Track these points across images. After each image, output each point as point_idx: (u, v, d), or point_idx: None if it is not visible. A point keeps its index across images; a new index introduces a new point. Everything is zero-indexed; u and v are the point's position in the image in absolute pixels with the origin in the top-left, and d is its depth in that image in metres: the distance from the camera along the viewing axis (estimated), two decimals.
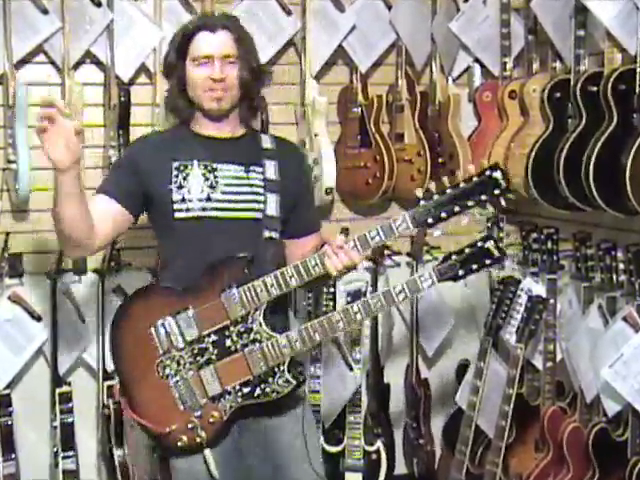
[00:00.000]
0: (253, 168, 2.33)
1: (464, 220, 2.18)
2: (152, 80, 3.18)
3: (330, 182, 3.26)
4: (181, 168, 2.29)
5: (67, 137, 2.02)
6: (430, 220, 2.12)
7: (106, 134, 3.14)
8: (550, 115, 3.06)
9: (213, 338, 2.21)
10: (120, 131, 3.07)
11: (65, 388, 3.05)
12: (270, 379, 2.20)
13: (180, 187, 2.27)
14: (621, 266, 2.94)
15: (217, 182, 2.28)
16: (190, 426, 2.22)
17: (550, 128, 3.07)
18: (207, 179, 2.28)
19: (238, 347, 2.20)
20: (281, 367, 2.20)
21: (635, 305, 2.85)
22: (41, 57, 3.08)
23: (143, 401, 2.26)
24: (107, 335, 3.02)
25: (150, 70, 3.18)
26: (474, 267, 2.16)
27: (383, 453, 3.33)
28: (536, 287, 3.19)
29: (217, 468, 2.24)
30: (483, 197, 2.10)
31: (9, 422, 2.99)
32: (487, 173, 2.11)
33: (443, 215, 2.11)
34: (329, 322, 2.18)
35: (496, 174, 2.11)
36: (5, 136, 3.00)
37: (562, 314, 3.18)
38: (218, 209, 2.27)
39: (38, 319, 3.09)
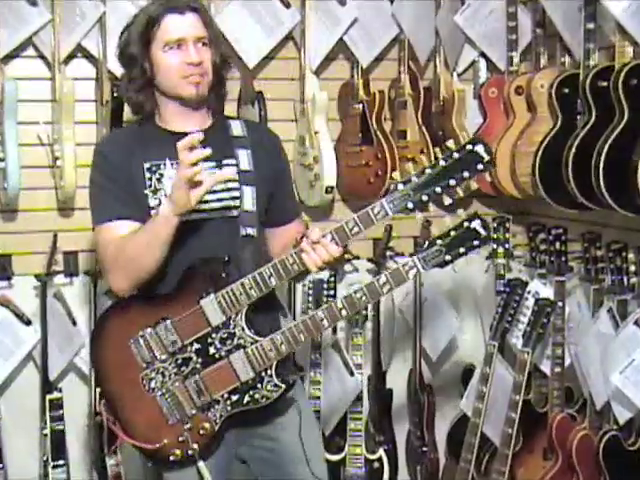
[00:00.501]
0: (226, 162, 2.24)
1: (447, 201, 2.05)
2: None
3: (330, 181, 3.25)
4: (153, 169, 2.21)
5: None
6: (410, 205, 2.02)
7: (98, 131, 3.12)
8: (558, 111, 3.05)
9: (196, 346, 2.17)
10: (112, 128, 3.03)
11: (56, 394, 3.04)
12: (259, 385, 2.17)
13: (155, 191, 2.20)
14: (632, 268, 2.92)
15: None
16: (181, 439, 2.19)
17: (558, 125, 3.05)
18: None
19: (222, 354, 2.16)
20: (268, 372, 2.16)
21: None
22: (30, 51, 3.07)
23: (131, 418, 2.23)
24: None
25: None
26: (461, 251, 2.06)
27: (385, 461, 3.33)
28: (544, 289, 3.18)
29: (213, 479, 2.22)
30: (465, 174, 1.99)
31: None
32: (468, 147, 1.99)
33: (424, 198, 2.01)
34: (313, 321, 2.13)
35: (478, 147, 1.98)
36: None
37: (571, 317, 3.16)
38: (194, 211, 2.13)
39: (27, 323, 3.09)
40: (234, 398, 2.18)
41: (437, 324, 3.51)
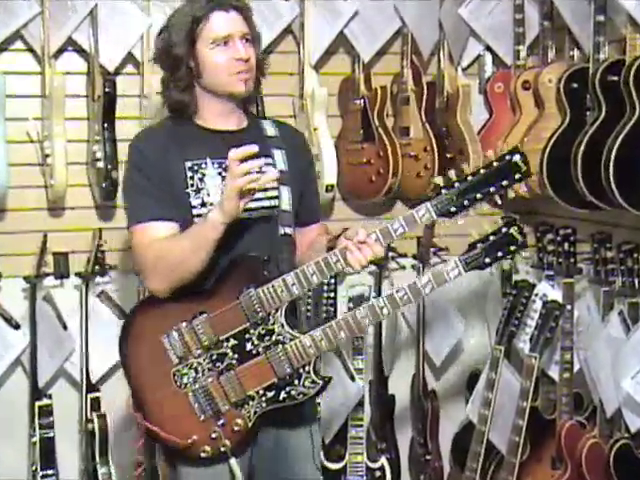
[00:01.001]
0: (265, 163, 2.24)
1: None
2: (139, 70, 3.17)
3: (331, 179, 3.24)
4: (195, 168, 2.25)
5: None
6: (453, 209, 2.16)
7: (90, 128, 3.11)
8: (567, 107, 3.04)
9: (232, 342, 2.22)
10: (105, 124, 3.06)
11: (45, 401, 3.03)
12: (296, 381, 2.23)
13: (198, 190, 2.24)
14: None
15: None
16: (214, 435, 2.23)
17: (567, 121, 3.05)
18: (224, 178, 2.21)
19: (260, 350, 2.22)
20: (307, 368, 2.22)
21: None
22: (19, 44, 3.06)
23: (161, 414, 2.26)
24: (91, 344, 3.06)
25: (137, 59, 3.17)
26: (499, 254, 2.21)
27: (387, 470, 3.31)
28: (552, 292, 3.17)
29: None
30: (504, 182, 2.16)
31: None
32: (507, 157, 2.16)
33: (466, 203, 2.16)
34: (354, 319, 2.21)
35: (516, 158, 2.15)
36: None
37: (580, 321, 3.15)
38: None
39: (16, 326, 3.07)
40: (269, 394, 2.23)
41: (441, 327, 3.50)
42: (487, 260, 2.20)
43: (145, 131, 2.44)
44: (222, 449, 2.23)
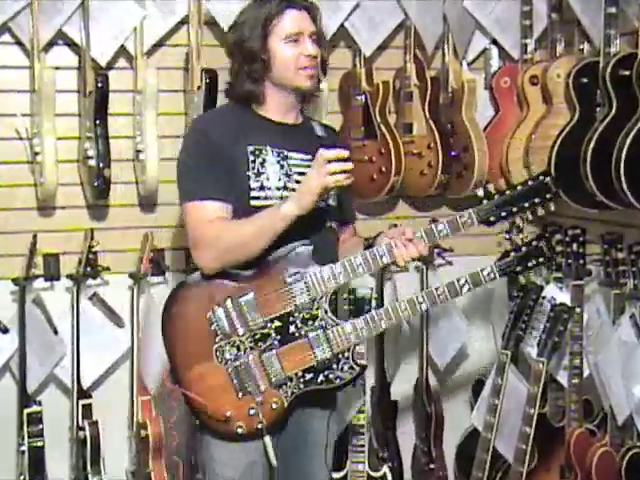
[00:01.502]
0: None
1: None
2: (132, 64, 3.16)
3: None
4: (256, 153, 2.42)
5: None
6: (492, 218, 2.42)
7: (81, 124, 3.11)
8: (576, 103, 3.05)
9: (276, 324, 2.36)
10: (97, 121, 3.05)
11: (34, 408, 3.03)
12: (334, 366, 2.38)
13: (258, 174, 2.40)
14: None
15: (291, 170, 2.45)
16: (252, 412, 2.36)
17: (576, 117, 3.05)
18: (282, 167, 2.44)
19: (302, 333, 2.37)
20: (346, 354, 2.38)
21: None
22: (7, 37, 3.05)
23: (199, 386, 2.38)
24: (82, 348, 3.04)
25: (130, 53, 3.16)
26: (529, 264, 2.51)
27: (390, 479, 3.28)
28: (560, 294, 3.16)
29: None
30: (537, 200, 2.43)
31: None
32: (540, 178, 2.45)
33: (503, 214, 2.42)
34: (394, 310, 2.40)
35: (547, 179, 2.45)
36: None
37: (590, 325, 3.14)
38: None
39: (4, 330, 3.06)
40: (308, 377, 2.38)
41: (445, 331, 3.51)
42: (518, 268, 2.50)
43: (209, 113, 2.73)
44: (259, 426, 2.36)
